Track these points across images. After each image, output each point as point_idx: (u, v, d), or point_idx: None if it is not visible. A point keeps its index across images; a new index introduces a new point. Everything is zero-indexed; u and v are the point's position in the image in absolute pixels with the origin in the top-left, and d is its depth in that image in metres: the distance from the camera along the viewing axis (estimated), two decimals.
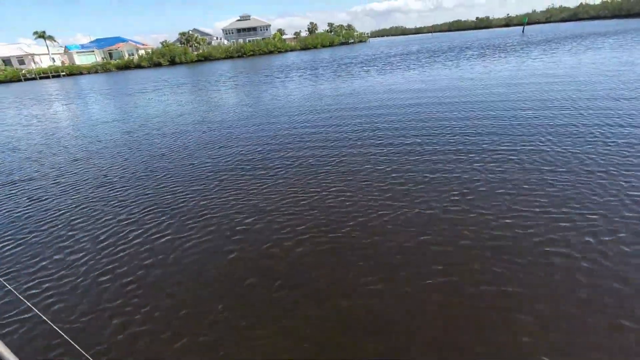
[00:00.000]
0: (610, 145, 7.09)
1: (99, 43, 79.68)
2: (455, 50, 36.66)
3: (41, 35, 68.99)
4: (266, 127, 11.94)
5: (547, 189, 5.60)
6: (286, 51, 78.68)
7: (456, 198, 5.60)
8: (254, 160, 8.48)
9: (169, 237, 5.35)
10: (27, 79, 59.47)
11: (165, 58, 67.74)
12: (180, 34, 78.44)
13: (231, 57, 72.42)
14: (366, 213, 5.44)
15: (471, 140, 8.22)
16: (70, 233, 5.78)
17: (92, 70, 65.01)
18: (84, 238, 5.57)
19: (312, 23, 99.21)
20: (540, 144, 7.58)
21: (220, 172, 7.89)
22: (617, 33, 38.48)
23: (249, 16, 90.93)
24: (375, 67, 27.46)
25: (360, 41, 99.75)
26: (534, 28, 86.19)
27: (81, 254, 5.12)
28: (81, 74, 63.69)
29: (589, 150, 6.92)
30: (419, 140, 8.60)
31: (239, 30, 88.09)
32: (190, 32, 79.19)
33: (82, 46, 77.98)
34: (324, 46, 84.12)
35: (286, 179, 7.12)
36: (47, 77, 60.18)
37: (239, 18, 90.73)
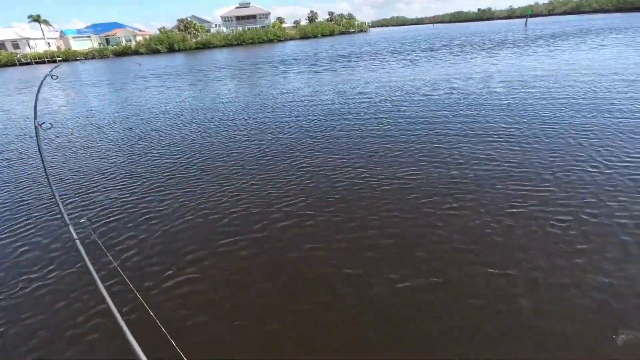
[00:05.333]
0: None
1: (96, 28, 78.40)
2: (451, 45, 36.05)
3: (36, 19, 67.85)
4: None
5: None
6: (285, 40, 77.62)
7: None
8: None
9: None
10: (22, 64, 58.60)
11: (163, 45, 66.75)
12: (178, 20, 77.10)
13: (230, 45, 71.45)
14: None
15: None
16: None
17: (89, 55, 63.98)
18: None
19: (312, 12, 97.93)
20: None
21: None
22: (627, 29, 34.43)
23: (249, 3, 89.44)
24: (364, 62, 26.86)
25: (361, 31, 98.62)
26: (537, 21, 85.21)
27: None
28: (77, 59, 62.73)
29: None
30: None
31: (238, 18, 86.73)
32: (189, 19, 77.88)
33: (78, 31, 76.73)
34: (324, 35, 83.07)
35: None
36: (43, 62, 59.28)
37: (238, 5, 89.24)
